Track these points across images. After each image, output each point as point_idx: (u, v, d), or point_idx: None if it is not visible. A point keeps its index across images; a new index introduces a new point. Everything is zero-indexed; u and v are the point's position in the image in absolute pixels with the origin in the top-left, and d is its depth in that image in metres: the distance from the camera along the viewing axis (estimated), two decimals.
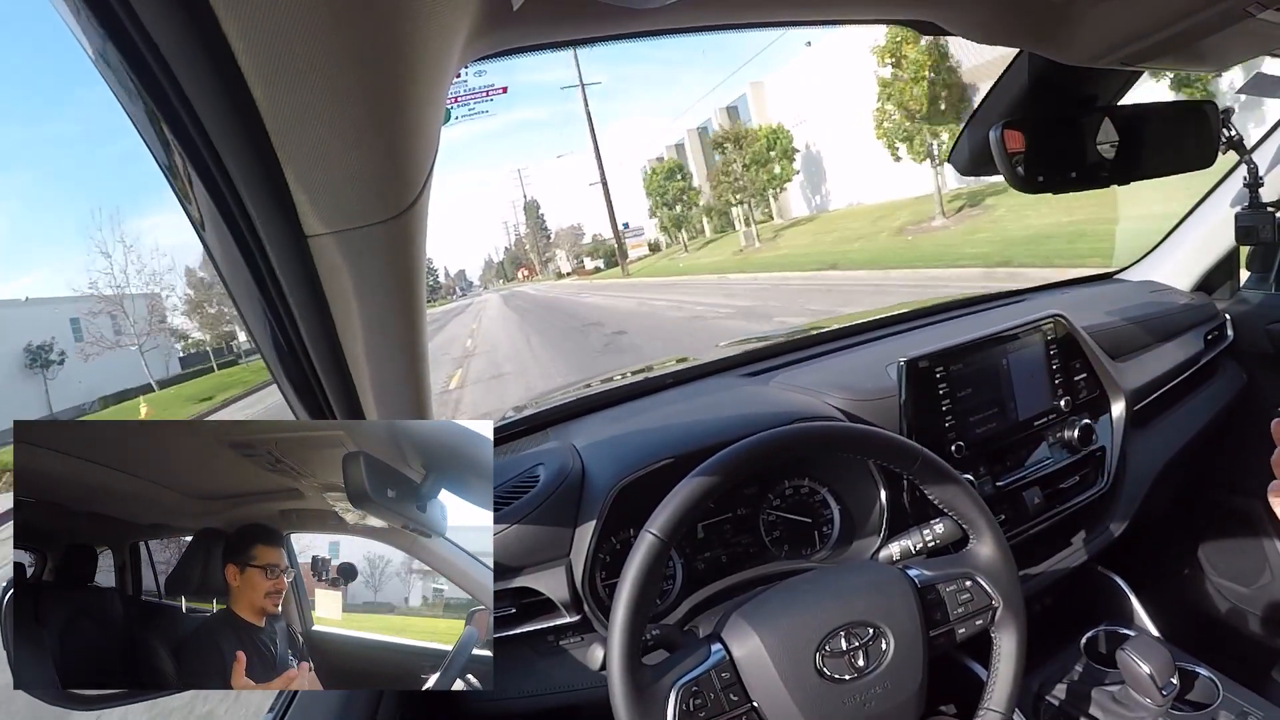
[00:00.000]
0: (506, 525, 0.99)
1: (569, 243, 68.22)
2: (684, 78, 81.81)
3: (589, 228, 74.36)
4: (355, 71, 0.38)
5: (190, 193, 0.45)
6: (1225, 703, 1.09)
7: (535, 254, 79.66)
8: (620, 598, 0.74)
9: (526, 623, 1.00)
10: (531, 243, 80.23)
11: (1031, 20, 0.75)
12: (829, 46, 21.05)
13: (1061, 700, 1.19)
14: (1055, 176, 0.92)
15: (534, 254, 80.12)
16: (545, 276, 71.47)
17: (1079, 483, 1.33)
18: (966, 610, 0.85)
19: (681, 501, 0.77)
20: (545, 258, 77.70)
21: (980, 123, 1.00)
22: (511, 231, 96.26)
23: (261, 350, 0.61)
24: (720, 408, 1.26)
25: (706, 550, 1.09)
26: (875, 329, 1.66)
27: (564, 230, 71.52)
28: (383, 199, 0.49)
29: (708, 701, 0.74)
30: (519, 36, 0.57)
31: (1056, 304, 1.44)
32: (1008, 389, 1.28)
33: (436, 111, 0.47)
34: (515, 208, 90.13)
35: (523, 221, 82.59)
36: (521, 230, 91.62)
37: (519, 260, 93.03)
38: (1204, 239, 1.69)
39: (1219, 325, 1.64)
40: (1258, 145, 1.51)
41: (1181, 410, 1.53)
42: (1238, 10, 0.63)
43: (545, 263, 77.76)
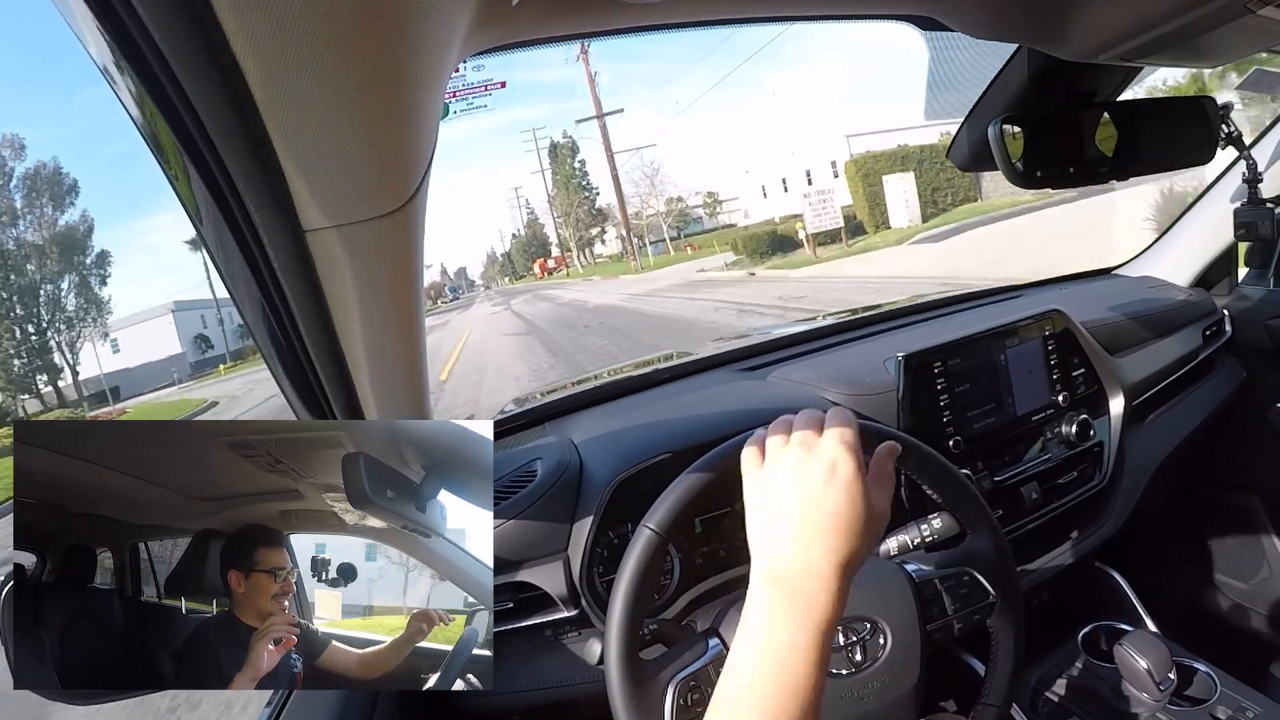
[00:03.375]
0: (504, 520, 0.99)
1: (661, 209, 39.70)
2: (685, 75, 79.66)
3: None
4: (354, 64, 0.38)
5: (187, 187, 0.45)
6: (1223, 698, 1.09)
7: (570, 226, 50.37)
8: (618, 592, 0.74)
9: (524, 617, 1.00)
10: (564, 207, 49.78)
11: (1031, 16, 0.75)
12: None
13: (1059, 695, 1.20)
14: (1053, 172, 0.92)
15: (567, 227, 50.77)
16: (589, 268, 46.23)
17: (1077, 478, 1.34)
18: (964, 605, 0.85)
19: (679, 496, 0.77)
20: (586, 238, 50.94)
21: (979, 118, 1.00)
22: (522, 210, 71.01)
23: (260, 346, 0.61)
24: (718, 402, 1.26)
25: (704, 545, 1.09)
26: (873, 324, 1.66)
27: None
28: (381, 193, 0.49)
29: (705, 696, 0.74)
30: (518, 31, 0.57)
31: (1055, 299, 1.44)
32: (1006, 384, 1.28)
33: (435, 106, 0.47)
34: (514, 201, 68.98)
35: (551, 181, 51.42)
36: (534, 209, 67.07)
37: (535, 246, 67.65)
38: (1202, 234, 1.69)
39: (1217, 321, 1.65)
40: (1256, 141, 1.51)
41: (1180, 406, 1.54)
42: (1237, 7, 0.63)
43: (585, 246, 51.75)
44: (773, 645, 0.54)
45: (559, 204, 51.14)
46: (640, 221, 39.36)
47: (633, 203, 37.39)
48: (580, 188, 50.65)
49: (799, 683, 0.52)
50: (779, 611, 0.55)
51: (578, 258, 52.30)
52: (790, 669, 0.52)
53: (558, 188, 51.14)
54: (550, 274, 55.40)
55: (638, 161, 56.52)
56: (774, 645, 0.54)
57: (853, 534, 0.56)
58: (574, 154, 49.94)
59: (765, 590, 0.56)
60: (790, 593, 0.55)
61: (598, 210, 50.92)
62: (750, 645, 0.55)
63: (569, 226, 51.11)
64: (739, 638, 0.56)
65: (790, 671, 0.52)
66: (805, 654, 0.53)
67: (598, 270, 42.23)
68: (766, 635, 0.54)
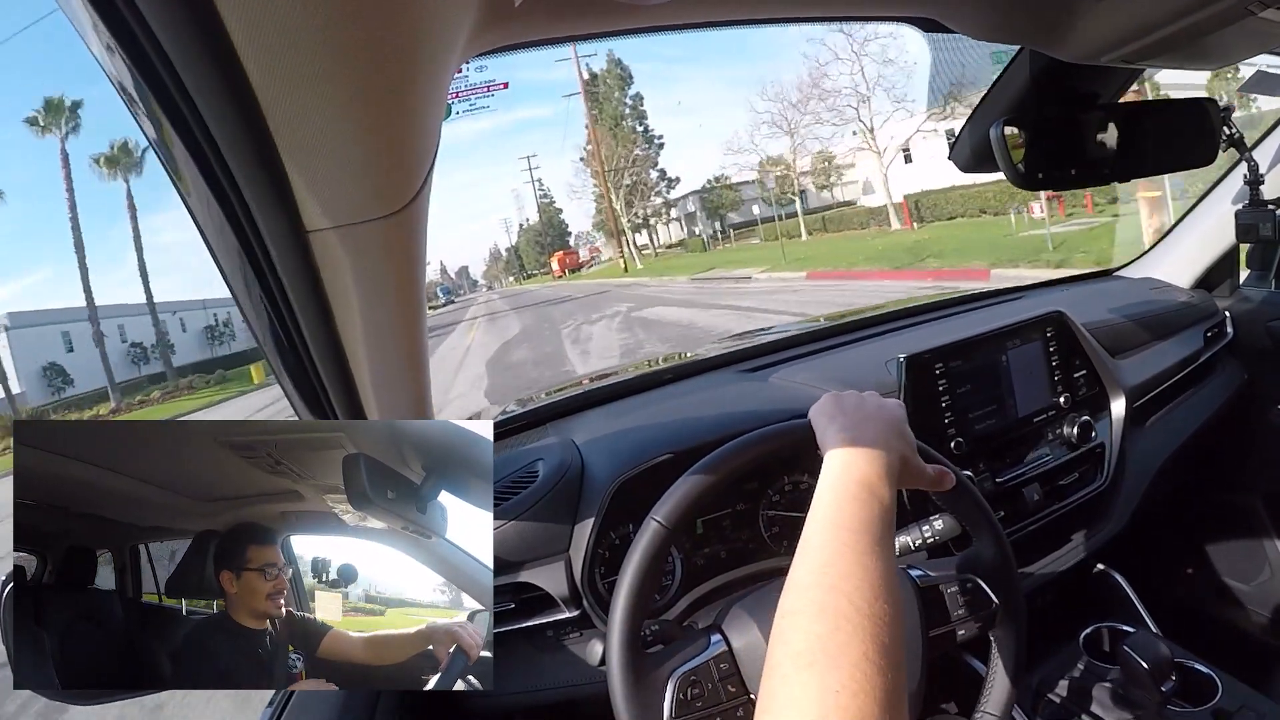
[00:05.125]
0: (506, 521, 0.99)
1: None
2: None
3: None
4: (357, 65, 0.38)
5: (189, 186, 0.45)
6: (1224, 699, 1.09)
7: (618, 195, 33.43)
8: (622, 585, 0.74)
9: (526, 618, 1.00)
10: (613, 161, 33.51)
11: (1033, 18, 0.75)
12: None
13: (1061, 697, 1.20)
14: (1055, 174, 0.92)
15: (614, 194, 33.21)
16: (655, 262, 32.34)
17: (1078, 479, 1.34)
18: (966, 611, 0.84)
19: (687, 491, 0.76)
20: (644, 215, 35.37)
21: (981, 120, 1.00)
22: (535, 190, 53.76)
23: (262, 346, 0.61)
24: (720, 403, 1.26)
25: (706, 546, 1.09)
26: (875, 325, 1.66)
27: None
28: (384, 194, 0.49)
29: (705, 691, 0.74)
30: (520, 32, 0.57)
31: (1056, 301, 1.44)
32: (1007, 385, 1.28)
33: (438, 107, 0.47)
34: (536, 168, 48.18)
35: (584, 140, 35.07)
36: (548, 190, 51.31)
37: (552, 235, 53.77)
38: (1204, 236, 1.69)
39: (1219, 322, 1.65)
40: (1258, 143, 1.51)
41: (1181, 407, 1.53)
42: (1238, 9, 0.63)
43: (640, 227, 36.30)
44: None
45: (601, 159, 33.54)
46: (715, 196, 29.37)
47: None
48: (637, 135, 33.65)
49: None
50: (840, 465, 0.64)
51: (628, 246, 34.33)
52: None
53: (600, 132, 33.40)
54: (575, 271, 43.72)
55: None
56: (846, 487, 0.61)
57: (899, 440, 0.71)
58: (626, 84, 34.44)
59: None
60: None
61: (660, 172, 35.07)
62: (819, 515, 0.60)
63: (616, 194, 33.58)
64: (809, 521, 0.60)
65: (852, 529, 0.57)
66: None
67: (670, 266, 27.83)
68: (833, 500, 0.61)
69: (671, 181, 36.03)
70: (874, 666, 0.45)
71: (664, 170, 35.86)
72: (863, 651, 0.45)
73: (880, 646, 0.46)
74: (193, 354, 34.61)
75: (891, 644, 0.47)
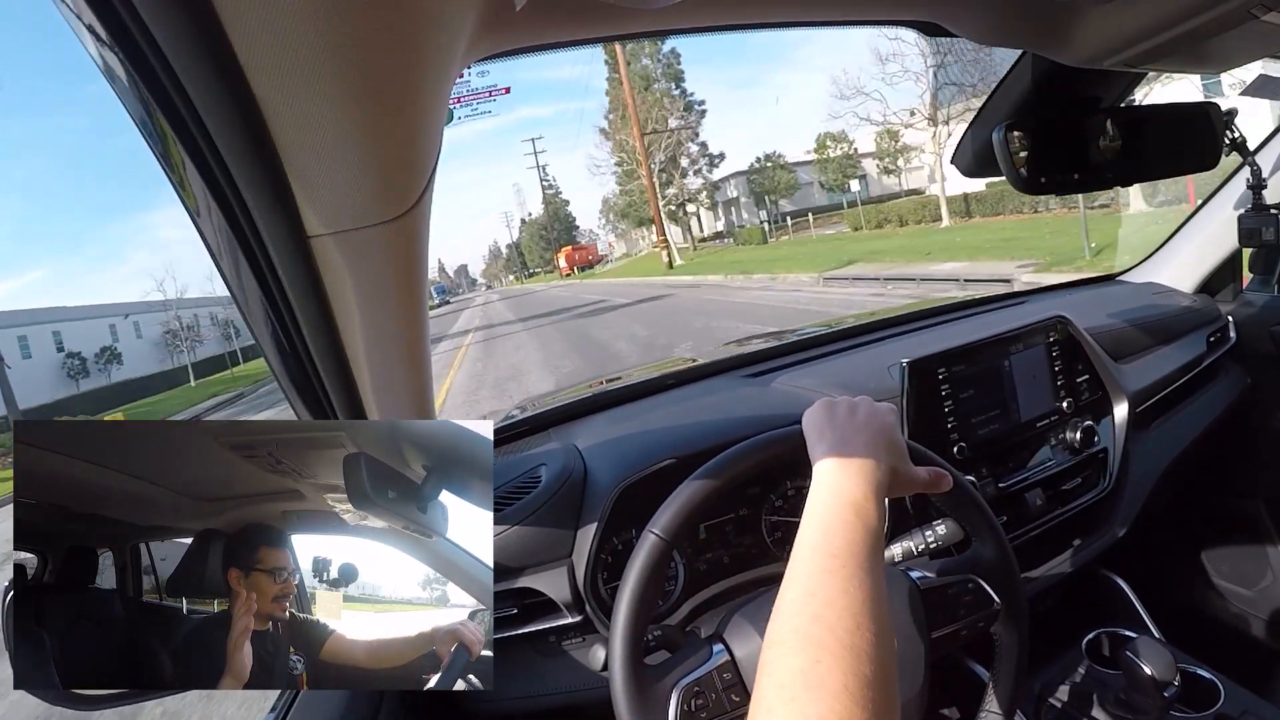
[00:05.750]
0: (508, 526, 0.99)
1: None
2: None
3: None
4: (358, 72, 0.38)
5: (191, 191, 0.45)
6: (1227, 704, 1.09)
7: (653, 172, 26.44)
8: (622, 597, 0.74)
9: (528, 623, 1.00)
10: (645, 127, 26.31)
11: (1035, 21, 0.75)
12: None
13: (1063, 702, 1.19)
14: (1058, 178, 0.92)
15: (646, 171, 26.52)
16: (705, 255, 26.62)
17: (1081, 484, 1.33)
18: (968, 613, 0.84)
19: (684, 502, 0.76)
20: (683, 198, 29.47)
21: (983, 124, 1.00)
22: (540, 178, 50.56)
23: (263, 349, 0.61)
24: (722, 408, 1.26)
25: (708, 551, 1.09)
26: (877, 330, 1.66)
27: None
28: (385, 200, 0.49)
29: (709, 702, 0.74)
30: (522, 37, 0.57)
31: (1059, 306, 1.44)
32: (1010, 390, 1.28)
33: (439, 112, 0.47)
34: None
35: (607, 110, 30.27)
36: (554, 180, 46.53)
37: (558, 229, 49.41)
38: (1207, 241, 1.69)
39: (1222, 327, 1.64)
40: (1261, 147, 1.51)
41: (1184, 412, 1.53)
42: (1241, 12, 0.63)
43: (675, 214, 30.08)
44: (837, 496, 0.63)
45: (636, 114, 26.53)
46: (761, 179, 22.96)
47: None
48: (676, 99, 27.61)
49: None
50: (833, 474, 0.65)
51: (670, 234, 27.80)
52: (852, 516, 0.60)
53: (631, 92, 26.92)
54: (586, 269, 38.83)
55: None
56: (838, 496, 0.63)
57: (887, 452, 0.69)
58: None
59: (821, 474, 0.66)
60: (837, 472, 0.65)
61: (701, 146, 29.00)
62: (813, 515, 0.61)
63: (650, 171, 26.86)
64: (804, 523, 0.61)
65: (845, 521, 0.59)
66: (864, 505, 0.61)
67: (723, 262, 22.77)
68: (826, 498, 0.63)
69: (714, 159, 30.10)
70: (853, 699, 0.45)
71: (705, 144, 30.02)
72: (842, 684, 0.46)
73: (860, 678, 0.46)
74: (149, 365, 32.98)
75: (875, 674, 0.48)
